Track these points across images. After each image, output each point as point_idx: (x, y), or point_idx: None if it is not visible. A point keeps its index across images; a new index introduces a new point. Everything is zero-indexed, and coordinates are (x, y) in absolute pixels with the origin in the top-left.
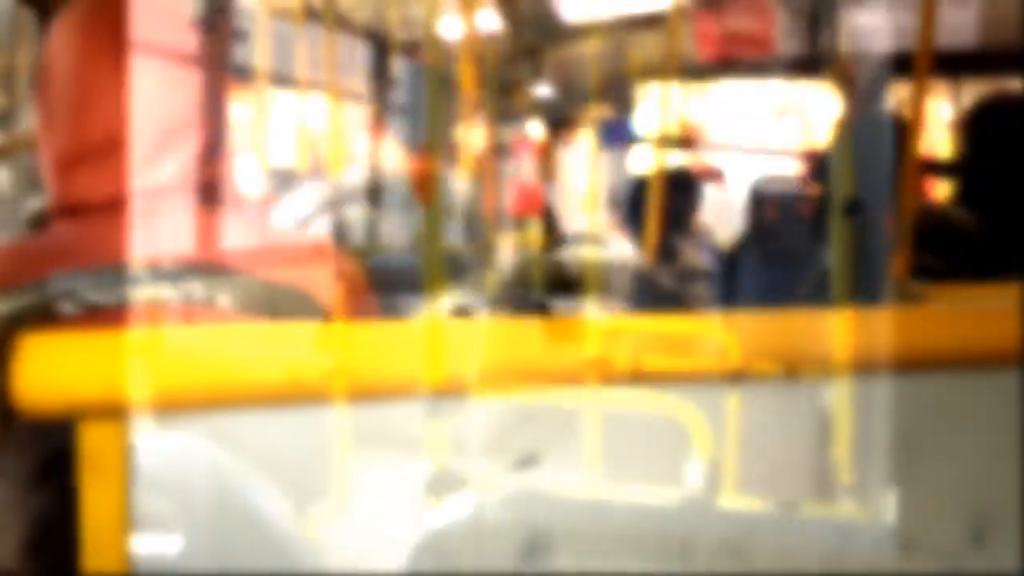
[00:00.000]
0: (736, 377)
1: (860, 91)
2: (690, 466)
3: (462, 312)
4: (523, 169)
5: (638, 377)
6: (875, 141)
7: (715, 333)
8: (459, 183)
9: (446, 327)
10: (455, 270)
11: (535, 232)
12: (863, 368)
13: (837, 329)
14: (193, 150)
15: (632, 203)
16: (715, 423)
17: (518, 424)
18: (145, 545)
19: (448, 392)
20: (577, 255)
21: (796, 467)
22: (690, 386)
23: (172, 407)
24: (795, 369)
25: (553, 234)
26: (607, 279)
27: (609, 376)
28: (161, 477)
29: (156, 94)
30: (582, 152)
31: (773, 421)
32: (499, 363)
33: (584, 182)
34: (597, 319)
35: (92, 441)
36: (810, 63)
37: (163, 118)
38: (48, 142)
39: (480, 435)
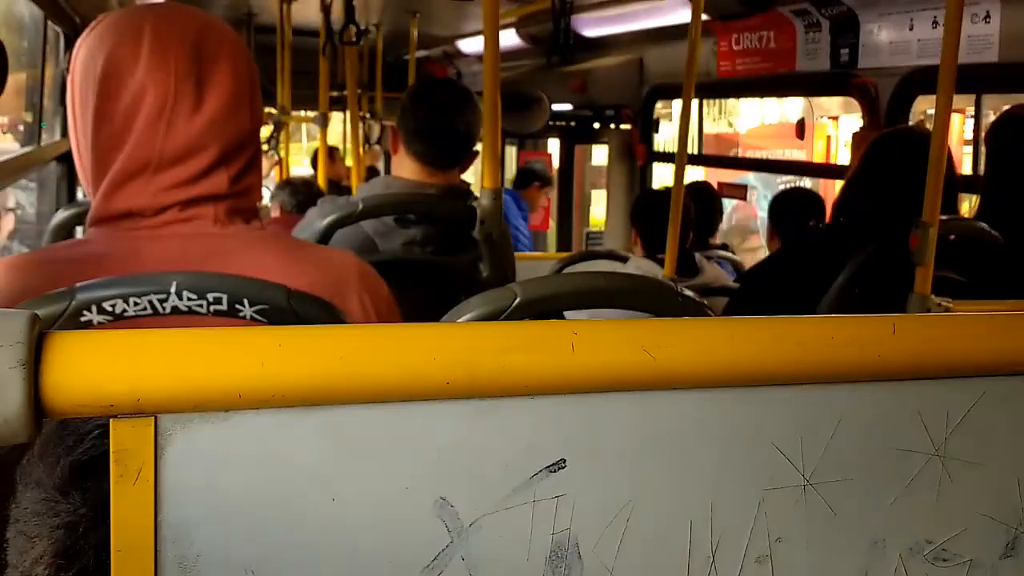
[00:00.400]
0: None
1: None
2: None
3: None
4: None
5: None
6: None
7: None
8: (485, 198)
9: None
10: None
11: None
12: (906, 373)
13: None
14: (242, 165)
15: (650, 217)
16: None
17: (588, 428)
18: (180, 552)
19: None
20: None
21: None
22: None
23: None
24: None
25: None
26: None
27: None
28: (205, 480)
29: (219, 112)
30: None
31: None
32: (589, 366)
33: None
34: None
35: (122, 441)
36: (831, 79)
37: (226, 134)
38: (98, 155)
39: (556, 438)
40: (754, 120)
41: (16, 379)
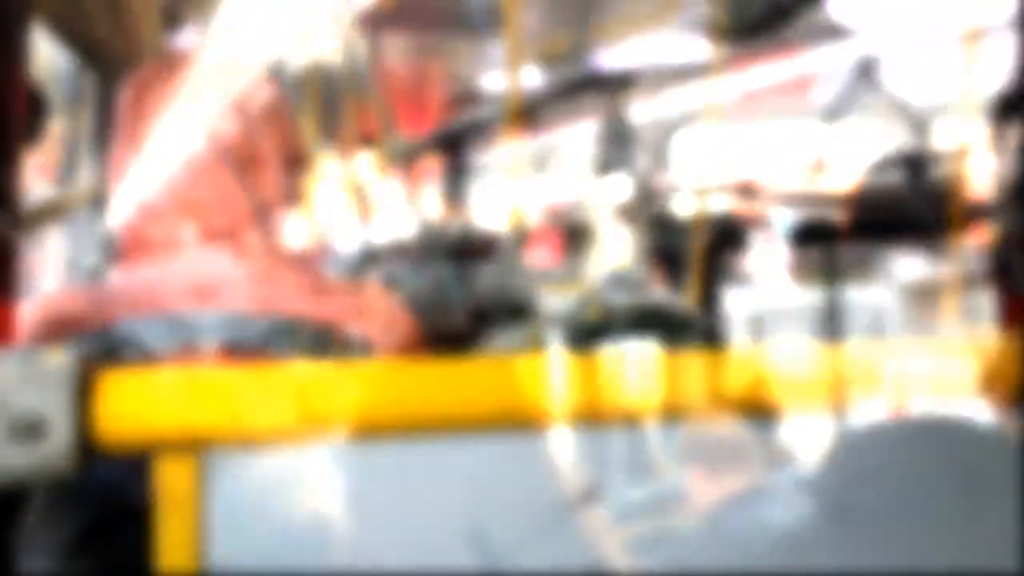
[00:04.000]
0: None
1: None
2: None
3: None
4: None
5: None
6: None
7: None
8: (508, 234)
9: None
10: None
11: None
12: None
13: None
14: (271, 205)
15: (672, 250)
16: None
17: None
18: None
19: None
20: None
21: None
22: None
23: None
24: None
25: None
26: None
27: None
28: (249, 514)
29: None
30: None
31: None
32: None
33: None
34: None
35: (168, 476)
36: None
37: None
38: (127, 196)
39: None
40: (774, 149)
41: (68, 415)
